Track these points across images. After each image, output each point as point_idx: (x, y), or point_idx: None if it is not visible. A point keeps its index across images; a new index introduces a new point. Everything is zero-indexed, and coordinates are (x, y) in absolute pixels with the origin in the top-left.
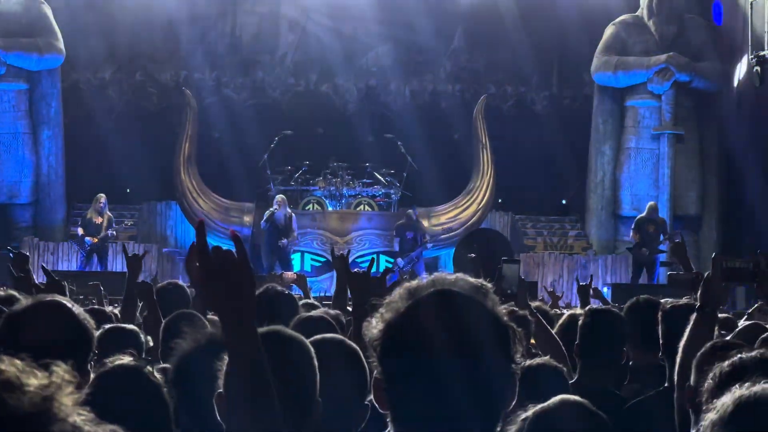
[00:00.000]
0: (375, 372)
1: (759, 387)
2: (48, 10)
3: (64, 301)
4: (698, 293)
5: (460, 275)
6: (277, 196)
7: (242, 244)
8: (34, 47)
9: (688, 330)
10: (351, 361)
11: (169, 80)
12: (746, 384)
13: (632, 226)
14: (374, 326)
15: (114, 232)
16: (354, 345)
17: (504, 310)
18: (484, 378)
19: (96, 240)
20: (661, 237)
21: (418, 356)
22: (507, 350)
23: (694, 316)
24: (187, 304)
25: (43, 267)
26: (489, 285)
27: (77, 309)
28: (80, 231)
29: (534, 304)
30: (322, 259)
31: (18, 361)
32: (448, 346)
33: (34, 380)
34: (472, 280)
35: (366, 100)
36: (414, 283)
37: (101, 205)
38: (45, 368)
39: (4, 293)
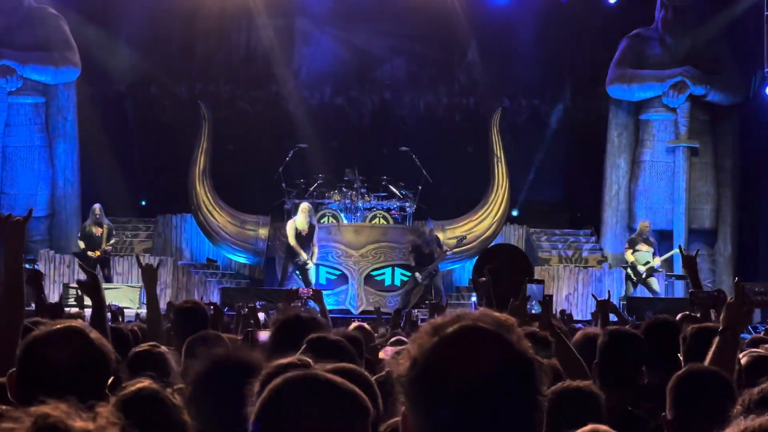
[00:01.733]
0: (403, 408)
1: (764, 419)
2: (64, 24)
3: (82, 327)
4: (721, 316)
5: (484, 310)
6: (302, 204)
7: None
8: (50, 61)
9: (711, 353)
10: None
11: (184, 93)
12: (752, 416)
13: (625, 246)
14: (401, 362)
15: (115, 244)
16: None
17: (528, 344)
18: (511, 412)
19: (97, 254)
20: (657, 254)
21: (444, 392)
22: (533, 383)
23: (716, 339)
24: (205, 324)
25: (82, 266)
26: (513, 319)
27: (95, 334)
28: (81, 245)
29: None
30: (338, 272)
31: (63, 405)
32: (474, 382)
33: (80, 423)
34: (496, 314)
35: (380, 113)
36: (438, 319)
37: (98, 215)
38: (90, 409)
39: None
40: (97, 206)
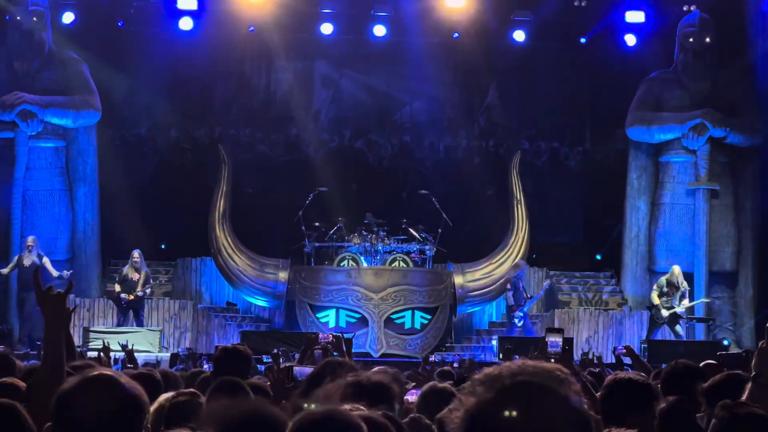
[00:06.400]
0: None
1: None
2: (85, 68)
3: (113, 375)
4: (753, 362)
5: (540, 363)
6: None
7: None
8: (71, 105)
9: (744, 399)
10: None
11: (204, 136)
12: None
13: (653, 287)
14: (453, 415)
15: (150, 289)
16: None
17: (583, 398)
18: None
19: (132, 297)
20: (677, 300)
21: None
22: None
23: (749, 385)
24: (247, 370)
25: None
26: (567, 371)
27: (125, 379)
28: (117, 288)
29: None
30: (358, 315)
31: None
32: None
33: None
34: (550, 368)
35: (400, 156)
36: (492, 370)
37: (137, 261)
38: None
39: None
40: (135, 253)
